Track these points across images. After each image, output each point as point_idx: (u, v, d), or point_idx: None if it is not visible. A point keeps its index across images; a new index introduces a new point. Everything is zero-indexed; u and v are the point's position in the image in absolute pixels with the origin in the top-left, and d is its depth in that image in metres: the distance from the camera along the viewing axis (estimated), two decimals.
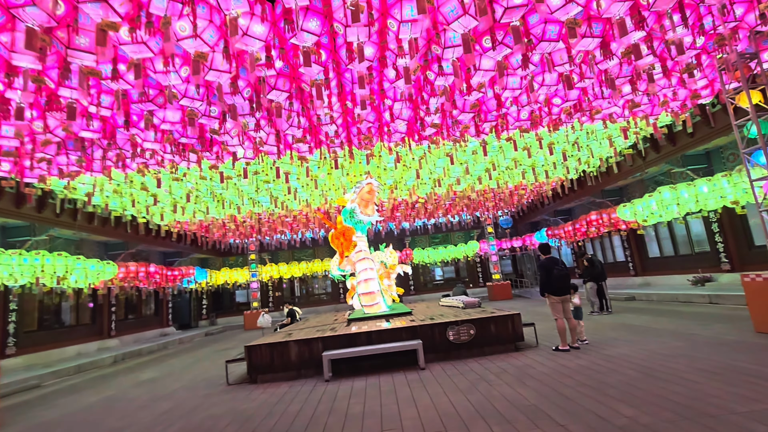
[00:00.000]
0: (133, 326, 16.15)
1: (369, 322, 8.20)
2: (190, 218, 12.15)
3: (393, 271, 10.26)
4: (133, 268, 13.79)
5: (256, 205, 11.90)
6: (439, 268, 24.68)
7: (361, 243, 9.66)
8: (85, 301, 13.77)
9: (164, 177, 8.69)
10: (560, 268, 6.32)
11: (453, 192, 13.17)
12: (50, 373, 9.63)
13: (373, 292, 9.23)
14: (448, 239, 23.71)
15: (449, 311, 8.59)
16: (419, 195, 13.00)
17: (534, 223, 23.22)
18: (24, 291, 10.72)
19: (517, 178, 12.29)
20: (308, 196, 11.30)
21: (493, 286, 19.66)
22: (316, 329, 7.90)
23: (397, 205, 14.76)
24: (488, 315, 6.81)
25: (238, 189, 9.93)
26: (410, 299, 22.23)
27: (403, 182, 11.16)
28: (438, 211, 16.74)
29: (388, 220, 17.60)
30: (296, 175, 9.53)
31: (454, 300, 9.70)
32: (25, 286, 10.27)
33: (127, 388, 7.44)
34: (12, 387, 8.30)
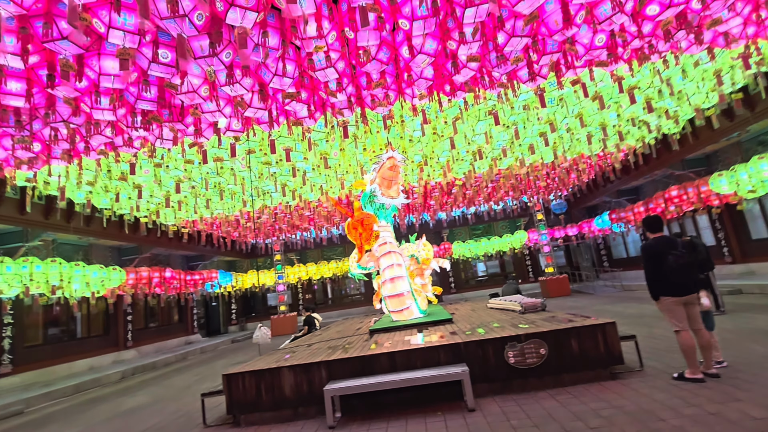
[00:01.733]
0: (154, 335, 15.19)
1: (396, 333, 6.27)
2: (196, 215, 10.76)
3: (427, 266, 8.25)
4: (146, 273, 12.68)
5: (265, 196, 10.30)
6: (481, 262, 22.31)
7: (385, 233, 7.75)
8: (97, 311, 12.84)
9: (141, 161, 7.21)
10: (679, 254, 4.08)
11: (497, 170, 10.94)
12: (42, 396, 8.48)
13: (402, 294, 7.30)
14: (491, 230, 21.29)
15: (503, 317, 6.48)
16: (455, 175, 10.88)
17: (591, 208, 20.30)
18: (17, 302, 9.74)
19: (580, 146, 9.86)
20: (322, 180, 9.53)
21: (547, 281, 17.09)
22: (329, 345, 6.07)
23: (430, 190, 12.70)
24: (565, 325, 4.67)
25: (237, 175, 8.31)
26: (450, 299, 20.07)
27: (435, 157, 9.11)
28: (478, 196, 14.50)
29: (422, 210, 15.56)
30: (301, 153, 7.76)
31: (506, 301, 7.56)
32: (19, 297, 9.26)
33: (96, 423, 5.97)
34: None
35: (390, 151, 7.41)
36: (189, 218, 11.16)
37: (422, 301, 7.91)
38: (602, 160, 11.62)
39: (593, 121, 8.31)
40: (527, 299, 7.11)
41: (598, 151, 10.51)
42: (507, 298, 8.01)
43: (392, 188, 7.57)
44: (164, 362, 12.58)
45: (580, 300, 14.11)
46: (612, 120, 8.44)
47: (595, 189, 16.95)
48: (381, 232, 7.75)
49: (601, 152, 11.14)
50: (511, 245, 19.25)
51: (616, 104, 7.81)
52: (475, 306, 9.71)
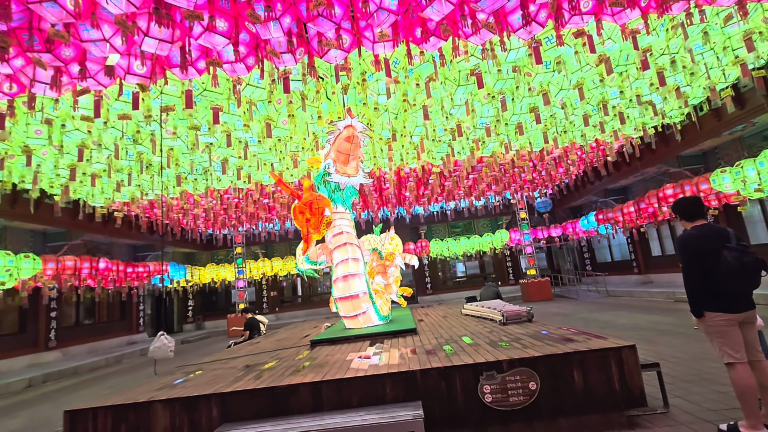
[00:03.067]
0: (89, 334, 13.33)
1: (344, 347, 4.84)
2: (122, 195, 9.07)
3: (391, 263, 6.85)
4: (71, 263, 10.88)
5: (206, 175, 8.70)
6: (461, 263, 21.10)
7: (342, 221, 6.32)
8: (11, 305, 10.96)
9: (21, 115, 5.56)
10: (738, 249, 2.76)
11: (479, 156, 9.64)
12: None
13: (357, 296, 5.88)
14: (471, 228, 20.08)
15: (479, 328, 5.12)
16: (431, 161, 9.51)
17: (575, 208, 19.32)
18: None
19: (573, 131, 8.62)
20: (272, 157, 8.00)
21: (528, 284, 15.97)
22: (247, 363, 4.59)
23: (404, 178, 11.31)
24: (563, 347, 3.32)
25: (158, 142, 6.71)
26: (426, 300, 18.79)
27: (407, 135, 7.70)
28: (458, 189, 13.19)
29: (396, 202, 14.17)
30: (238, 118, 6.23)
31: (484, 307, 6.22)
32: None
33: None
34: None
35: (348, 119, 5.96)
36: (118, 199, 9.45)
37: (384, 305, 6.49)
38: (595, 151, 10.46)
39: (593, 96, 7.06)
40: (509, 306, 5.78)
41: (591, 140, 9.32)
42: (485, 303, 6.69)
43: (350, 164, 6.12)
44: (91, 366, 10.82)
45: (564, 305, 12.98)
46: (613, 99, 7.21)
47: (582, 187, 15.92)
48: (336, 220, 6.32)
49: (594, 142, 9.98)
50: (492, 245, 18.08)
51: (621, 76, 6.57)
52: (449, 311, 8.36)
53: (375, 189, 11.93)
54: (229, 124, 6.55)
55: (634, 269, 16.07)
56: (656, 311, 9.39)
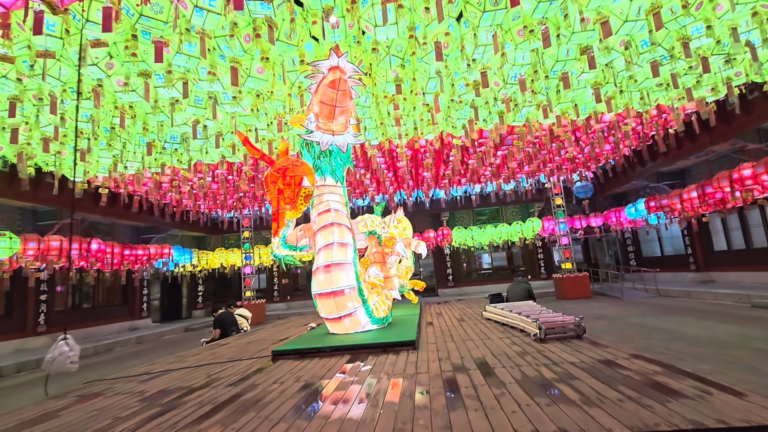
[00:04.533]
0: (86, 319, 12.66)
1: (310, 365, 3.45)
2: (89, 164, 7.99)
3: (390, 249, 5.37)
4: (56, 243, 10.04)
5: (187, 145, 7.47)
6: (486, 253, 19.33)
7: (331, 196, 4.92)
8: None
9: None
10: None
11: (509, 126, 7.96)
12: None
13: (342, 292, 4.48)
14: (498, 215, 18.25)
15: (504, 346, 3.58)
16: (449, 130, 7.89)
17: (619, 195, 17.13)
18: None
19: (634, 87, 6.78)
20: (254, 119, 6.61)
21: (563, 279, 14.11)
22: (164, 389, 3.28)
23: (420, 152, 9.75)
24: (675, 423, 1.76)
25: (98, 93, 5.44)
26: (447, 294, 17.24)
27: (417, 88, 6.12)
28: (485, 169, 11.49)
29: (414, 184, 12.61)
30: (195, 59, 4.85)
31: (512, 312, 4.65)
32: None
33: None
34: None
35: (333, 58, 4.47)
36: (96, 172, 8.40)
37: (380, 305, 5.05)
38: (655, 120, 8.51)
39: (667, 35, 5.25)
40: (548, 314, 4.21)
41: (653, 104, 7.41)
42: (515, 306, 5.12)
43: (336, 119, 4.65)
44: None
45: (607, 306, 11.13)
46: (695, 40, 5.35)
47: (631, 169, 13.81)
48: (324, 195, 4.91)
49: (656, 109, 8.07)
50: (521, 234, 16.25)
51: (713, 2, 4.75)
52: (468, 311, 6.84)
53: (388, 167, 10.43)
54: (189, 70, 5.21)
55: (691, 266, 13.88)
56: (733, 319, 7.50)
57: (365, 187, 12.16)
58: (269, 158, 4.97)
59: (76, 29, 4.37)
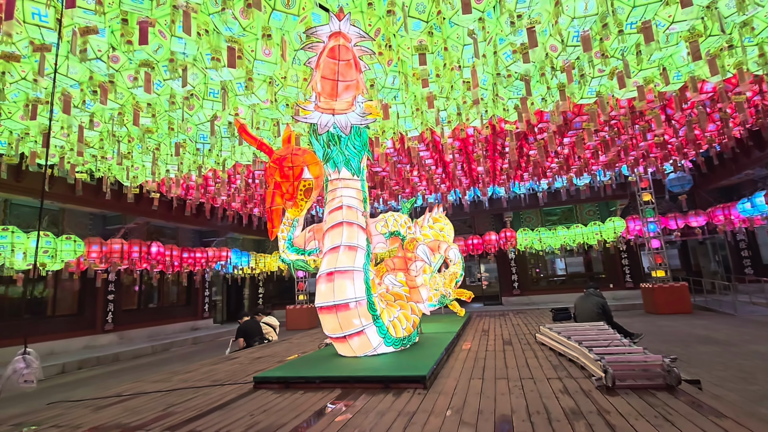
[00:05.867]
0: (150, 318, 13.33)
1: (294, 399, 2.67)
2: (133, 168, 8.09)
3: (412, 253, 4.39)
4: (118, 246, 10.56)
5: (220, 143, 7.20)
6: (559, 258, 17.24)
7: (345, 192, 4.18)
8: (69, 287, 11.10)
9: None
10: None
11: (571, 108, 6.57)
12: None
13: (346, 307, 3.67)
14: (572, 215, 16.16)
15: (552, 394, 2.48)
16: (500, 114, 6.69)
17: (727, 189, 14.18)
18: None
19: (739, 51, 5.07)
20: (274, 111, 6.07)
21: (654, 289, 11.85)
22: (120, 424, 2.70)
23: (468, 143, 8.61)
24: None
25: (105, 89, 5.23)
26: (512, 303, 15.61)
27: (454, 62, 5.10)
28: (551, 161, 9.96)
29: (469, 181, 11.41)
30: (191, 40, 4.38)
31: (570, 340, 3.44)
32: None
33: None
34: None
35: (334, 22, 3.68)
36: (144, 177, 8.57)
37: (401, 322, 4.13)
38: None
39: None
40: (620, 346, 2.99)
41: None
42: (576, 330, 3.89)
43: (341, 96, 3.85)
44: (134, 353, 10.42)
45: (714, 324, 8.93)
46: None
47: (744, 155, 11.20)
48: (336, 189, 4.18)
49: None
50: (600, 237, 14.10)
51: None
52: (523, 329, 5.63)
53: (435, 161, 9.42)
54: (195, 58, 4.78)
55: None
56: None
57: (414, 186, 11.25)
58: (268, 147, 4.33)
59: (70, 20, 4.11)
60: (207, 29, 4.48)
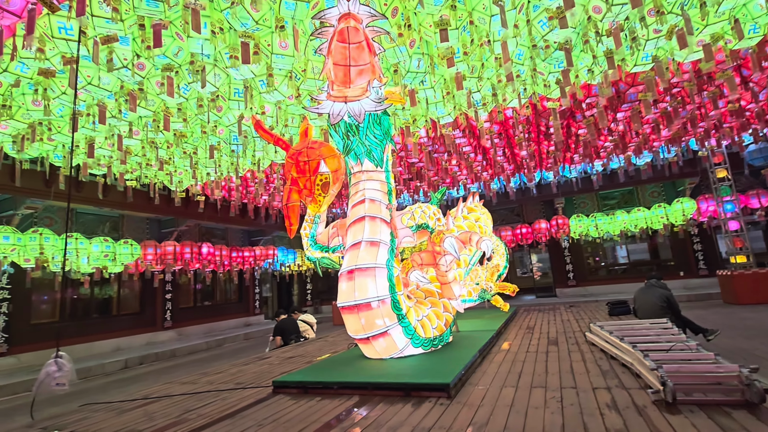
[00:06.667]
0: (205, 315, 14.02)
1: (311, 405, 2.50)
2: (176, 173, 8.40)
3: (439, 246, 4.03)
4: (171, 248, 11.14)
5: (252, 145, 7.26)
6: (620, 246, 15.88)
7: (368, 185, 3.98)
8: (130, 288, 11.91)
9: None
10: None
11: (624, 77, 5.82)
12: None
13: (368, 306, 3.45)
14: (633, 197, 14.78)
15: (592, 409, 2.08)
16: (544, 93, 6.10)
17: None
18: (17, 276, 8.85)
19: None
20: (300, 107, 5.95)
21: (733, 277, 10.50)
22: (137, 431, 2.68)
23: (508, 125, 8.02)
24: None
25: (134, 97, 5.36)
26: (567, 294, 14.65)
27: (479, 36, 4.66)
28: (604, 139, 9.09)
29: (513, 167, 10.74)
30: (204, 38, 4.33)
31: (623, 341, 2.96)
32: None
33: None
34: None
35: (342, 3, 3.43)
36: (188, 180, 8.91)
37: (431, 321, 3.84)
38: None
39: None
40: (685, 351, 2.49)
41: None
42: (632, 328, 3.38)
43: (354, 82, 3.60)
44: (190, 349, 10.98)
45: None
46: None
47: None
48: (359, 182, 3.99)
49: None
50: (666, 220, 12.75)
51: None
52: (574, 326, 5.10)
53: (473, 148, 8.91)
54: (216, 59, 4.76)
55: None
56: None
57: (454, 176, 10.77)
58: (285, 143, 4.19)
59: (93, 30, 4.21)
60: (222, 27, 4.41)
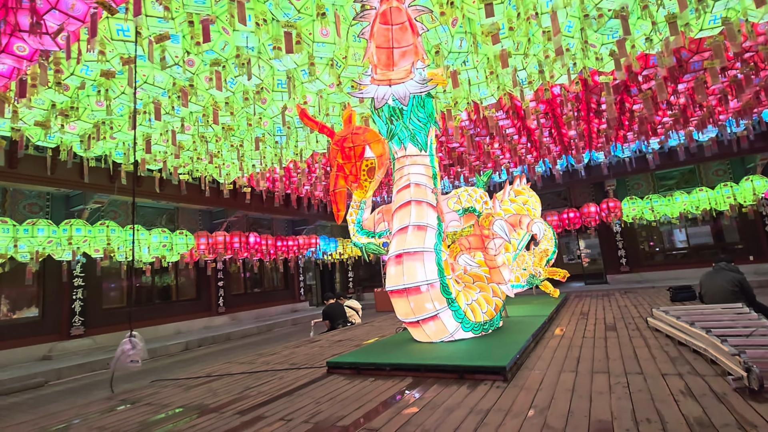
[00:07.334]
0: (255, 301, 14.67)
1: (364, 385, 2.57)
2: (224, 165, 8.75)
3: (489, 230, 3.91)
4: (221, 238, 11.70)
5: (295, 135, 7.41)
6: (679, 229, 14.81)
7: (413, 169, 3.98)
8: (186, 276, 12.66)
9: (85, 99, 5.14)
10: None
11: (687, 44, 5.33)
12: (75, 367, 7.91)
13: (417, 290, 3.45)
14: (694, 177, 13.70)
15: (664, 396, 1.97)
16: (595, 67, 5.73)
17: None
18: (88, 265, 9.66)
19: None
20: (343, 96, 5.97)
21: None
22: (202, 408, 2.85)
23: (557, 103, 7.65)
24: None
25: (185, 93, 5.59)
26: (620, 281, 13.96)
27: (526, 9, 4.43)
28: (662, 114, 8.46)
29: (560, 148, 10.28)
30: (248, 31, 4.42)
31: (692, 324, 2.77)
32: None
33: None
34: None
35: None
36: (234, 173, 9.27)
37: (480, 305, 3.78)
38: None
39: None
40: (765, 335, 2.29)
41: None
42: (703, 313, 3.15)
43: (398, 65, 3.56)
44: (242, 333, 11.56)
45: None
46: None
47: None
48: (404, 167, 3.98)
49: None
50: (733, 200, 11.72)
51: None
52: (632, 311, 4.84)
53: (517, 130, 8.59)
54: (260, 51, 4.87)
55: None
56: None
57: (496, 160, 10.46)
58: (329, 130, 4.23)
59: (146, 29, 4.42)
60: (265, 18, 4.49)
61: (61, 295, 9.37)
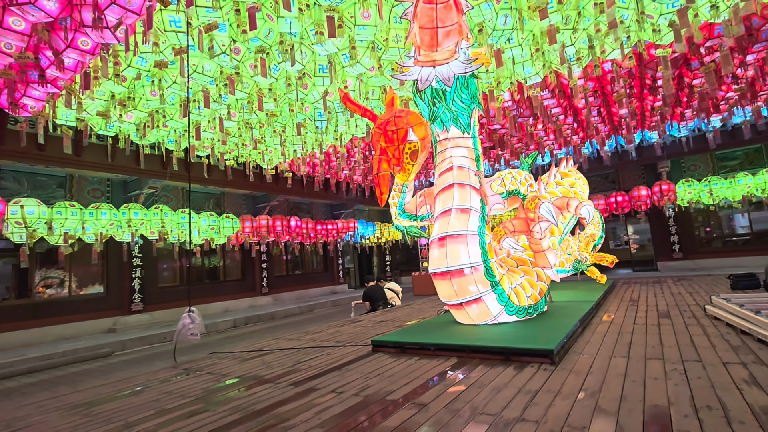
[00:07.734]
0: (296, 283, 15.21)
1: (407, 364, 2.65)
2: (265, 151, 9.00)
3: (534, 213, 3.81)
4: (264, 222, 12.15)
5: (335, 120, 7.50)
6: (740, 214, 13.74)
7: (455, 152, 3.97)
8: (232, 258, 13.29)
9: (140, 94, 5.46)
10: None
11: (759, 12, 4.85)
12: (137, 339, 8.60)
13: (461, 273, 3.46)
14: (760, 157, 12.59)
15: (725, 383, 1.89)
16: (652, 39, 5.34)
17: None
18: (145, 246, 10.36)
19: None
20: (386, 80, 5.95)
21: None
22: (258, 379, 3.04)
23: (607, 80, 7.24)
24: None
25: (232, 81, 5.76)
26: (672, 268, 13.23)
27: None
28: (726, 89, 7.81)
29: (609, 129, 9.75)
30: (292, 17, 4.48)
31: (757, 313, 2.61)
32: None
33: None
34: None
35: None
36: (277, 158, 9.54)
37: (526, 288, 3.74)
38: None
39: None
40: None
41: None
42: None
43: (442, 45, 3.50)
44: (285, 313, 12.06)
45: None
46: None
47: None
48: (446, 149, 3.97)
49: None
50: None
51: None
52: (687, 299, 4.61)
53: (563, 110, 8.22)
54: (302, 37, 4.94)
55: None
56: None
57: (539, 141, 10.09)
58: (372, 113, 4.25)
59: (196, 20, 4.59)
60: (308, 4, 4.53)
61: (122, 273, 10.15)
